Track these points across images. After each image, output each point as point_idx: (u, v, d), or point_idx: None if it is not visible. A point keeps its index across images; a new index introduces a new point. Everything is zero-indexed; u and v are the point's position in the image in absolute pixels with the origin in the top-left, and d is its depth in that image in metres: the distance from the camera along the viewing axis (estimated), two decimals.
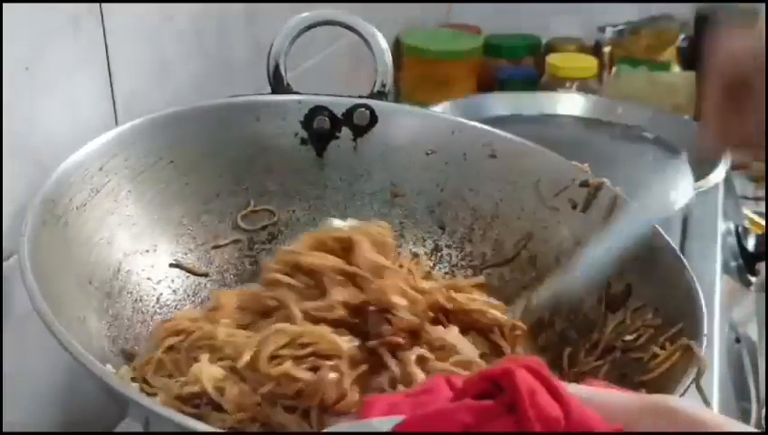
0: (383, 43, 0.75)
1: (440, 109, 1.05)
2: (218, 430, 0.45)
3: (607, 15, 1.41)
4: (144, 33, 0.75)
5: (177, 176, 0.69)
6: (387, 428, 0.32)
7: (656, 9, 1.38)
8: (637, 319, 0.61)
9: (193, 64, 0.83)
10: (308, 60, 1.02)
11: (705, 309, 0.55)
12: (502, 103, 1.13)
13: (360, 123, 0.75)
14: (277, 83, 0.75)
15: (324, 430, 0.48)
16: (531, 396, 0.31)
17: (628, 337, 0.60)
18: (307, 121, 0.74)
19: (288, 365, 0.50)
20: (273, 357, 0.50)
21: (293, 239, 0.65)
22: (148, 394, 0.55)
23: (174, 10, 0.78)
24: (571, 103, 1.14)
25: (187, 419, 0.43)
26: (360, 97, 0.75)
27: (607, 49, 1.37)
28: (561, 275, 0.66)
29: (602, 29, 1.41)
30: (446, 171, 0.75)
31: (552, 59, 1.27)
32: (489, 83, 1.35)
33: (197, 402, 0.52)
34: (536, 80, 1.31)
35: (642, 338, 0.58)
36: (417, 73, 1.33)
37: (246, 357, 0.51)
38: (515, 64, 1.40)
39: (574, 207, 0.70)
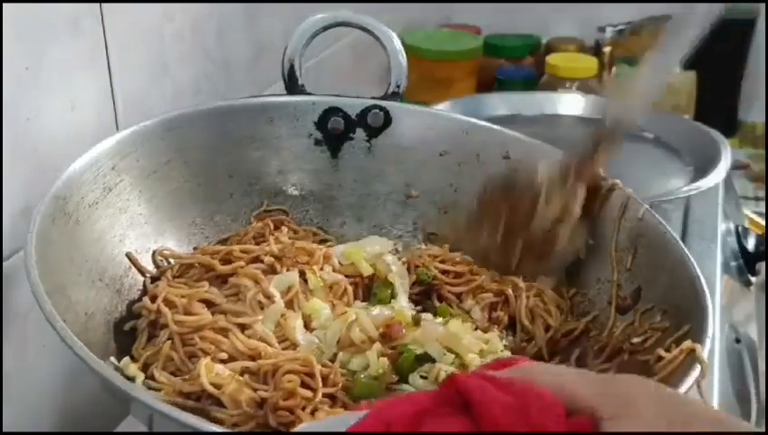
0: (398, 45, 0.75)
1: (440, 109, 1.04)
2: (221, 430, 0.45)
3: (607, 15, 1.41)
4: (144, 33, 0.75)
5: (189, 176, 0.69)
6: (353, 421, 0.35)
7: (656, 9, 1.37)
8: (645, 321, 0.60)
9: (193, 64, 0.83)
10: (310, 59, 1.02)
11: (711, 311, 0.55)
12: (502, 103, 1.13)
13: (374, 124, 0.75)
14: (292, 84, 0.74)
15: (294, 430, 0.48)
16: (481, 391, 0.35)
17: (636, 340, 0.59)
18: (321, 123, 0.74)
19: (296, 384, 0.52)
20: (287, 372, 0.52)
21: None
22: (153, 389, 0.55)
23: (174, 10, 0.78)
24: (571, 103, 1.14)
25: (190, 417, 0.43)
26: (374, 98, 0.75)
27: (607, 49, 1.37)
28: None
29: (602, 29, 1.41)
30: (460, 172, 0.75)
31: (552, 59, 1.26)
32: (489, 83, 1.34)
33: (199, 395, 0.52)
34: (536, 80, 1.31)
35: (650, 341, 0.58)
36: (417, 73, 1.31)
37: (268, 362, 0.53)
38: (515, 64, 1.40)
39: None
